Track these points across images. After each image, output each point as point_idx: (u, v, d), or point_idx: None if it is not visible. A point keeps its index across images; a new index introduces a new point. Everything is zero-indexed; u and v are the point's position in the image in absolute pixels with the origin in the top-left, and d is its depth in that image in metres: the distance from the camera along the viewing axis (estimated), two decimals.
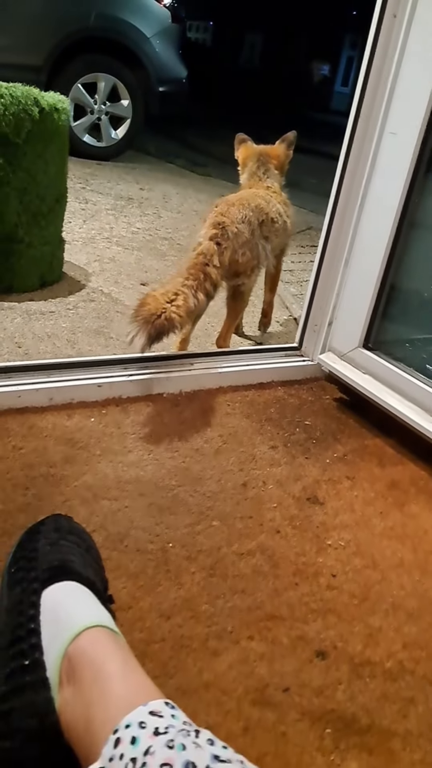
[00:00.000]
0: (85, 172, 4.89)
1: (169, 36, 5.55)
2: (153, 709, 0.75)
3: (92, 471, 1.41)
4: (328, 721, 0.97)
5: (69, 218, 3.61)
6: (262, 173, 2.37)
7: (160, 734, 0.71)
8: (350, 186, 1.79)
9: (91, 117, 5.31)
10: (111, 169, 5.20)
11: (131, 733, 0.72)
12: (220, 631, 1.09)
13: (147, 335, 1.62)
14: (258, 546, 1.29)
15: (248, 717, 0.96)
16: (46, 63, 5.02)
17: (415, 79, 1.60)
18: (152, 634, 1.06)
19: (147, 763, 0.68)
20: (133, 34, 5.29)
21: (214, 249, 1.89)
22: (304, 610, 1.16)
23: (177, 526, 1.31)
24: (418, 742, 0.96)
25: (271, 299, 2.55)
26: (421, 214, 1.71)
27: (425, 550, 1.37)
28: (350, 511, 1.44)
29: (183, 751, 0.68)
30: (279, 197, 2.30)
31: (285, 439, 1.67)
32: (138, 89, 5.40)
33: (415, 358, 1.74)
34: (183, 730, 0.72)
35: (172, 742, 0.70)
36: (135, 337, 1.62)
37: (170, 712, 0.76)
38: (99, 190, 4.45)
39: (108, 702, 0.78)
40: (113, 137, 5.45)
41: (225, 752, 0.70)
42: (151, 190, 4.77)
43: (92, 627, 0.87)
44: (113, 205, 4.12)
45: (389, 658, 1.09)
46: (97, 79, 5.25)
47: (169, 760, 0.68)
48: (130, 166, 5.50)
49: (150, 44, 5.38)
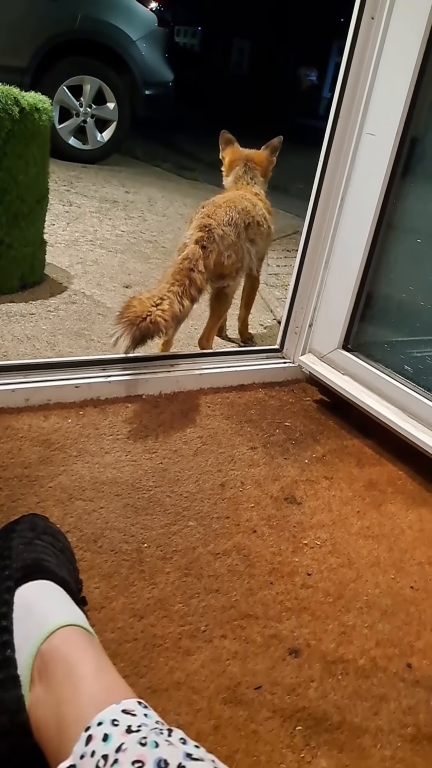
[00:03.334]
0: (70, 174, 4.88)
1: (155, 39, 5.55)
2: (126, 708, 0.75)
3: (68, 472, 1.41)
4: (300, 718, 0.97)
5: (52, 220, 3.61)
6: (250, 178, 2.37)
7: (132, 732, 0.71)
8: (330, 187, 1.80)
9: (76, 120, 5.30)
10: (96, 172, 5.19)
11: (103, 730, 0.71)
12: (194, 630, 1.09)
13: (131, 337, 1.62)
14: (234, 546, 1.29)
15: (219, 715, 0.95)
16: (30, 65, 5.01)
17: (392, 80, 1.61)
18: (124, 633, 1.05)
19: (119, 760, 0.67)
20: (119, 37, 5.29)
21: (200, 253, 1.89)
22: (278, 608, 1.16)
23: (152, 526, 1.30)
24: (389, 738, 0.97)
25: (246, 317, 2.50)
26: (399, 216, 1.72)
27: (401, 548, 1.37)
28: (327, 511, 1.45)
29: (156, 748, 0.68)
30: (265, 204, 2.31)
31: (264, 440, 1.67)
32: (124, 92, 5.40)
33: (393, 360, 1.74)
34: (156, 729, 0.72)
35: (145, 739, 0.69)
36: (119, 339, 1.62)
37: (143, 711, 0.76)
38: (84, 192, 4.44)
39: (80, 700, 0.78)
40: (99, 140, 5.45)
41: (197, 751, 0.70)
42: (136, 194, 4.76)
43: (66, 626, 0.87)
44: (98, 208, 4.12)
45: (362, 656, 1.10)
46: (82, 82, 5.24)
47: (141, 757, 0.67)
48: (116, 169, 5.49)
49: (136, 47, 5.38)
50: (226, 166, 2.42)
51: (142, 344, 1.67)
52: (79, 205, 4.11)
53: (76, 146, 5.38)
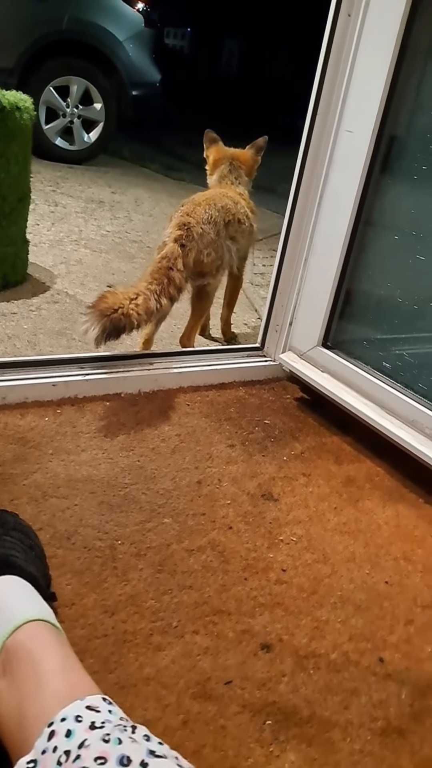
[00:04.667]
0: (56, 175, 4.87)
1: (142, 40, 5.55)
2: (90, 704, 0.75)
3: (43, 470, 1.40)
4: (269, 713, 0.97)
5: (37, 221, 3.60)
6: (234, 178, 2.37)
7: (96, 728, 0.70)
8: (309, 185, 1.80)
9: (63, 120, 5.29)
10: (83, 172, 5.18)
11: (67, 726, 0.71)
12: (165, 626, 1.08)
13: (102, 327, 1.61)
14: (209, 542, 1.29)
15: (188, 710, 0.95)
16: (17, 65, 5.00)
17: (369, 76, 1.62)
18: (94, 629, 1.05)
19: (81, 756, 0.67)
20: (106, 37, 5.29)
21: (179, 252, 1.88)
22: (251, 604, 1.16)
23: (127, 523, 1.30)
24: (359, 732, 0.96)
25: (228, 316, 2.50)
26: (377, 213, 1.72)
27: (377, 544, 1.37)
28: (304, 507, 1.45)
29: (119, 745, 0.68)
30: (248, 204, 2.31)
31: (243, 438, 1.67)
32: (111, 93, 5.39)
33: (372, 357, 1.75)
34: (119, 725, 0.72)
35: (108, 736, 0.69)
36: (89, 329, 1.61)
37: (107, 708, 0.75)
38: (69, 193, 4.43)
39: (44, 696, 0.77)
40: (86, 141, 5.44)
41: (161, 748, 0.70)
42: (123, 194, 4.76)
43: (32, 621, 0.87)
44: (83, 208, 4.11)
45: (334, 650, 1.09)
46: (69, 83, 5.23)
47: (104, 754, 0.67)
48: (103, 169, 5.48)
49: (123, 48, 5.37)
50: (210, 165, 2.42)
51: (114, 338, 1.66)
52: (64, 205, 4.10)
53: (62, 147, 5.36)
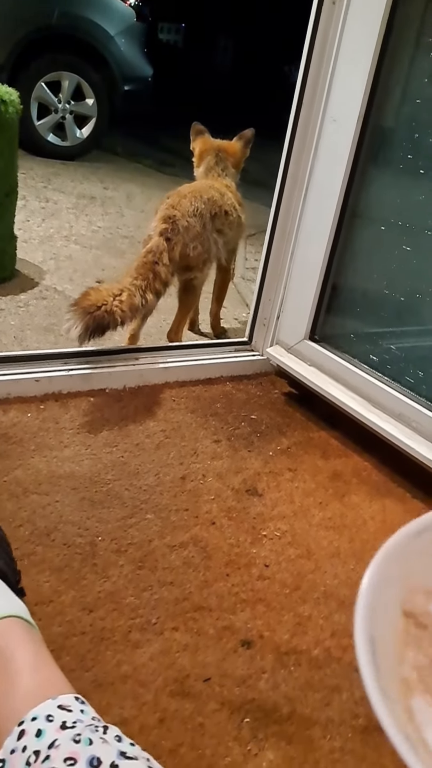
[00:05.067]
0: (49, 171, 4.84)
1: (134, 34, 5.52)
2: (62, 703, 0.73)
3: (24, 466, 1.38)
4: (248, 710, 0.95)
5: (27, 217, 3.58)
6: (221, 170, 2.35)
7: (67, 728, 0.69)
8: (295, 177, 1.78)
9: (55, 116, 5.26)
10: (75, 168, 5.15)
11: (37, 725, 0.70)
12: (144, 623, 1.07)
13: (84, 325, 1.59)
14: (191, 538, 1.27)
15: (165, 708, 0.93)
16: (7, 61, 4.96)
17: (353, 65, 1.59)
18: (72, 627, 1.03)
19: (51, 756, 0.66)
20: (97, 32, 5.25)
21: (164, 246, 1.86)
22: (233, 600, 1.14)
23: (109, 519, 1.28)
24: (339, 729, 0.95)
25: (218, 311, 2.47)
26: (363, 205, 1.70)
27: (362, 539, 1.36)
28: (289, 502, 1.43)
29: (89, 745, 0.67)
30: (236, 196, 2.29)
31: (229, 433, 1.65)
32: (102, 88, 5.36)
33: (359, 350, 1.73)
34: (91, 725, 0.70)
35: (79, 736, 0.68)
36: (72, 327, 1.60)
37: (79, 707, 0.74)
38: (61, 189, 4.41)
39: (15, 694, 0.76)
40: (78, 136, 5.40)
41: (132, 749, 0.68)
42: (115, 190, 4.73)
43: (4, 617, 0.85)
44: (75, 204, 4.08)
45: (316, 646, 1.08)
46: (60, 78, 5.19)
47: (74, 755, 0.66)
48: (96, 165, 5.45)
49: (114, 42, 5.34)
50: (196, 157, 2.40)
51: (99, 335, 1.64)
52: (55, 201, 4.08)
53: (54, 143, 5.32)
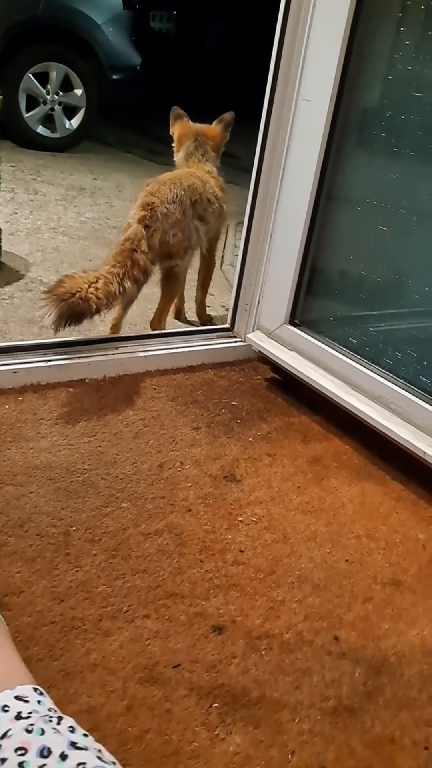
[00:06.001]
0: (38, 163, 4.81)
1: (121, 23, 5.46)
2: (19, 694, 0.74)
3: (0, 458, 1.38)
4: (217, 695, 0.95)
5: (15, 209, 3.56)
6: (201, 155, 2.32)
7: (21, 719, 0.70)
8: (271, 159, 1.77)
9: (44, 107, 5.22)
10: (65, 159, 5.12)
11: None
12: (115, 611, 1.06)
13: (59, 312, 1.59)
14: (166, 525, 1.27)
15: (133, 695, 0.93)
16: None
17: (324, 43, 1.57)
18: (42, 617, 1.03)
19: (2, 746, 0.67)
20: (84, 21, 5.20)
21: (143, 233, 1.85)
22: (206, 586, 1.14)
23: (83, 509, 1.28)
24: (308, 712, 0.95)
25: (203, 298, 2.44)
26: (338, 185, 1.69)
27: (339, 522, 1.35)
28: (267, 488, 1.42)
29: (41, 735, 0.68)
30: (217, 182, 2.26)
31: (209, 420, 1.65)
32: (91, 78, 5.32)
33: (338, 333, 1.72)
34: (45, 716, 0.71)
35: (32, 726, 0.69)
36: (45, 314, 1.59)
37: (36, 698, 0.75)
38: (50, 180, 4.38)
39: None
40: (67, 127, 5.36)
41: (84, 740, 0.69)
42: (105, 180, 4.70)
43: None
44: (64, 196, 4.06)
45: (288, 630, 1.08)
46: (48, 69, 5.14)
47: (25, 744, 0.67)
48: (86, 156, 5.41)
49: (101, 31, 5.29)
50: (176, 142, 2.37)
51: (75, 323, 1.63)
52: (44, 193, 4.06)
53: (44, 134, 5.28)
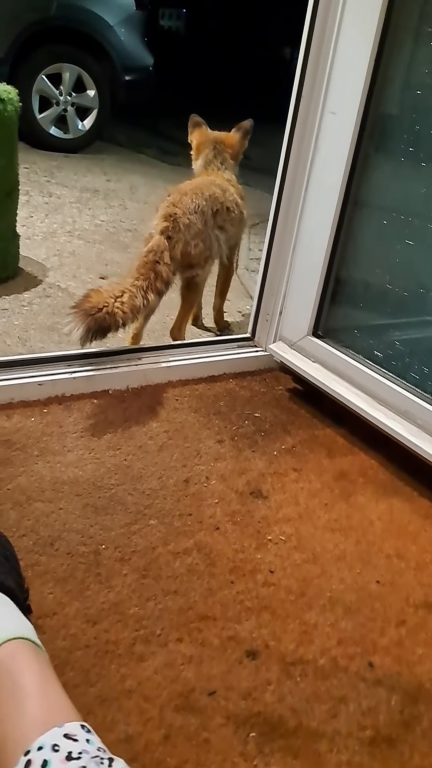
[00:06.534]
0: (51, 165, 4.81)
1: (134, 23, 5.45)
2: (68, 732, 0.72)
3: (28, 473, 1.37)
4: (254, 724, 0.94)
5: (31, 213, 3.55)
6: (220, 163, 2.31)
7: (72, 759, 0.68)
8: (295, 169, 1.75)
9: (57, 109, 5.21)
10: (78, 161, 5.11)
11: (43, 755, 0.69)
12: (148, 634, 1.06)
13: (86, 327, 1.58)
14: (195, 544, 1.26)
15: (170, 724, 0.92)
16: (7, 55, 4.92)
17: (352, 56, 1.56)
18: (76, 640, 1.02)
19: None
20: (96, 22, 5.19)
21: (165, 245, 1.84)
22: (238, 608, 1.13)
23: (112, 526, 1.27)
24: (346, 742, 0.94)
25: (221, 306, 2.45)
26: (364, 197, 1.67)
27: (369, 541, 1.34)
28: (294, 504, 1.41)
29: None
30: (237, 191, 2.25)
31: (232, 433, 1.64)
32: (103, 79, 5.31)
33: (363, 345, 1.70)
34: (96, 757, 0.69)
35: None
36: (73, 329, 1.59)
37: (85, 736, 0.73)
38: (64, 183, 4.38)
39: (23, 720, 0.75)
40: (80, 128, 5.36)
41: None
42: (118, 182, 4.69)
43: (13, 639, 0.84)
44: (78, 198, 4.05)
45: (323, 656, 1.07)
46: (61, 70, 5.14)
47: None
48: (99, 157, 5.41)
49: (114, 32, 5.28)
50: (194, 150, 2.37)
51: (100, 337, 1.63)
52: (58, 195, 4.05)
53: (57, 136, 5.29)
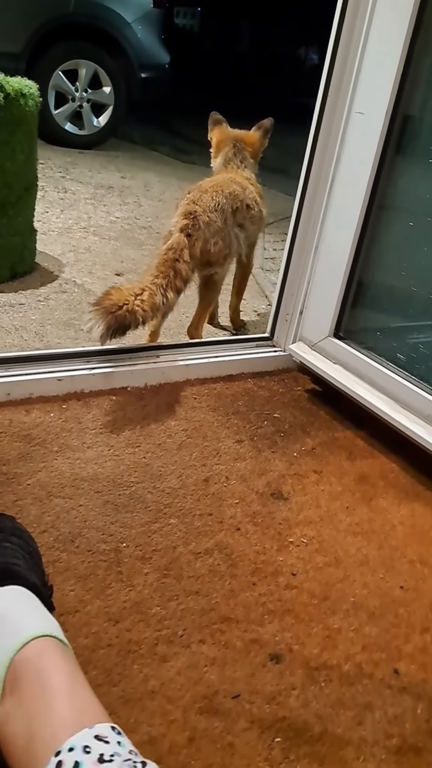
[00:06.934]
0: (66, 161, 4.80)
1: (151, 21, 5.44)
2: (99, 733, 0.71)
3: (47, 468, 1.36)
4: (279, 729, 0.93)
5: (46, 208, 3.55)
6: (240, 161, 2.30)
7: (104, 762, 0.67)
8: (319, 169, 1.74)
9: (72, 105, 5.21)
10: (93, 157, 5.11)
11: (74, 757, 0.67)
12: (171, 635, 1.04)
13: (106, 325, 1.58)
14: (216, 544, 1.24)
15: (194, 726, 0.91)
16: (24, 50, 4.92)
17: (381, 55, 1.54)
18: (98, 639, 1.01)
19: None
20: (114, 19, 5.19)
21: (185, 242, 1.83)
22: (260, 611, 1.12)
23: (132, 524, 1.26)
24: (372, 750, 0.92)
25: (237, 304, 2.43)
26: (390, 198, 1.65)
27: (391, 545, 1.32)
28: (315, 507, 1.40)
29: None
30: (256, 188, 2.24)
31: (252, 433, 1.62)
32: (120, 76, 5.30)
33: (385, 348, 1.69)
34: (129, 760, 0.68)
35: None
36: (93, 327, 1.58)
37: (116, 739, 0.72)
38: (79, 179, 4.37)
39: (52, 719, 0.74)
40: (95, 125, 5.36)
41: None
42: (132, 179, 4.68)
43: (41, 637, 0.83)
44: (93, 194, 4.05)
45: (347, 661, 1.05)
46: (77, 66, 5.14)
47: None
48: (113, 154, 5.40)
49: (131, 29, 5.28)
50: (214, 148, 2.35)
51: (120, 334, 1.62)
52: (73, 191, 4.05)
53: (72, 132, 5.28)
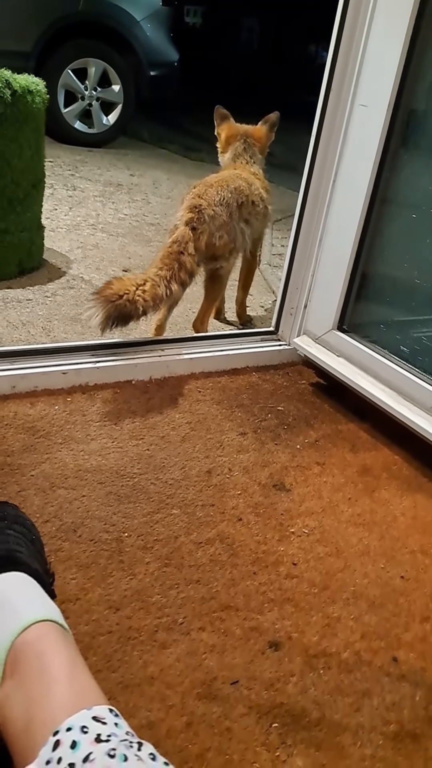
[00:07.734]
0: (75, 159, 4.83)
1: (160, 19, 5.45)
2: (96, 715, 0.72)
3: (51, 460, 1.38)
4: (276, 715, 0.94)
5: (55, 205, 3.57)
6: (249, 156, 2.30)
7: (102, 741, 0.68)
8: (323, 163, 1.74)
9: (81, 103, 5.24)
10: (102, 155, 5.13)
11: (72, 736, 0.69)
12: (171, 622, 1.05)
13: (106, 314, 1.59)
14: (217, 534, 1.25)
15: (192, 712, 0.92)
16: (34, 49, 4.94)
17: (383, 48, 1.54)
18: (99, 626, 1.02)
19: None
20: (123, 17, 5.20)
21: (190, 235, 1.84)
22: (260, 599, 1.12)
23: (135, 515, 1.27)
24: (370, 736, 0.93)
25: (243, 299, 2.43)
26: (393, 191, 1.65)
27: (393, 536, 1.32)
28: (317, 498, 1.40)
29: (124, 762, 0.65)
30: (262, 183, 2.25)
31: (255, 426, 1.63)
32: (129, 74, 5.32)
33: (389, 340, 1.69)
34: (125, 741, 0.69)
35: (114, 751, 0.66)
36: (93, 316, 1.59)
37: (114, 720, 0.73)
38: (88, 176, 4.39)
39: (51, 702, 0.75)
40: (105, 123, 5.38)
41: None
42: (141, 176, 4.70)
43: (41, 621, 0.84)
44: (101, 192, 4.07)
45: (346, 649, 1.06)
46: (87, 65, 5.16)
47: None
48: (122, 152, 5.42)
49: (140, 28, 5.29)
50: (222, 143, 2.35)
51: (121, 324, 1.63)
52: (82, 189, 4.07)
53: (81, 130, 5.31)
